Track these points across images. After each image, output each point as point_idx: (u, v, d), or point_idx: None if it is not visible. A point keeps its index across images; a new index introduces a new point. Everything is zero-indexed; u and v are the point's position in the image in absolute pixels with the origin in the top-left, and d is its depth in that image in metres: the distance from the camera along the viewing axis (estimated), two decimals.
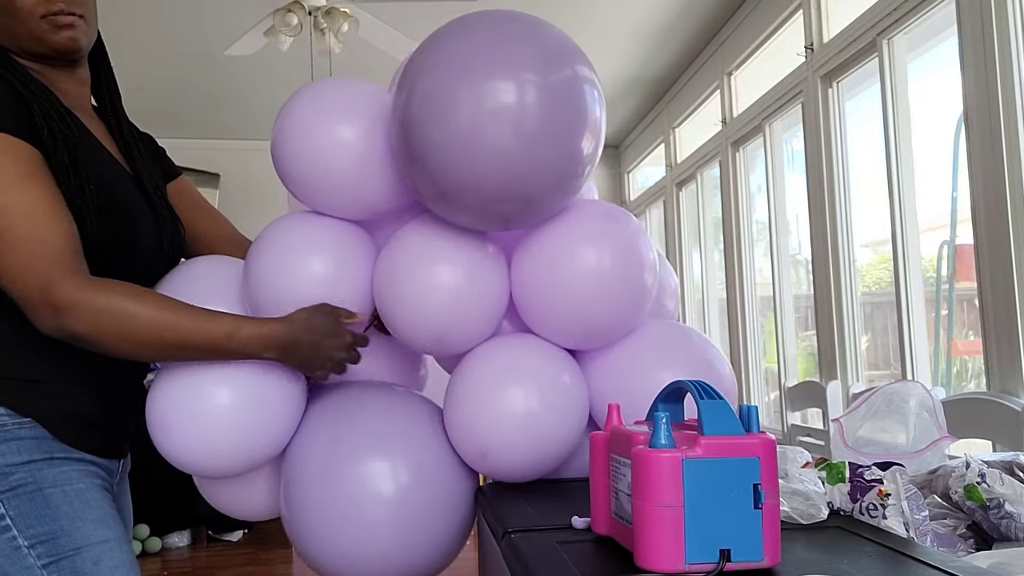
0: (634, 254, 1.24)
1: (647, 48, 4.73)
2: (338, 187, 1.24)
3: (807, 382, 3.76)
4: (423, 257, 1.21)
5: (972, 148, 2.53)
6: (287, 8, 3.45)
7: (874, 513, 1.09)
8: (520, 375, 1.24)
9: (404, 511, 1.21)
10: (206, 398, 1.16)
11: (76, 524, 1.07)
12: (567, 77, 1.12)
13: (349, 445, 1.23)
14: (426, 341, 1.25)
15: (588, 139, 1.13)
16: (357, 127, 1.23)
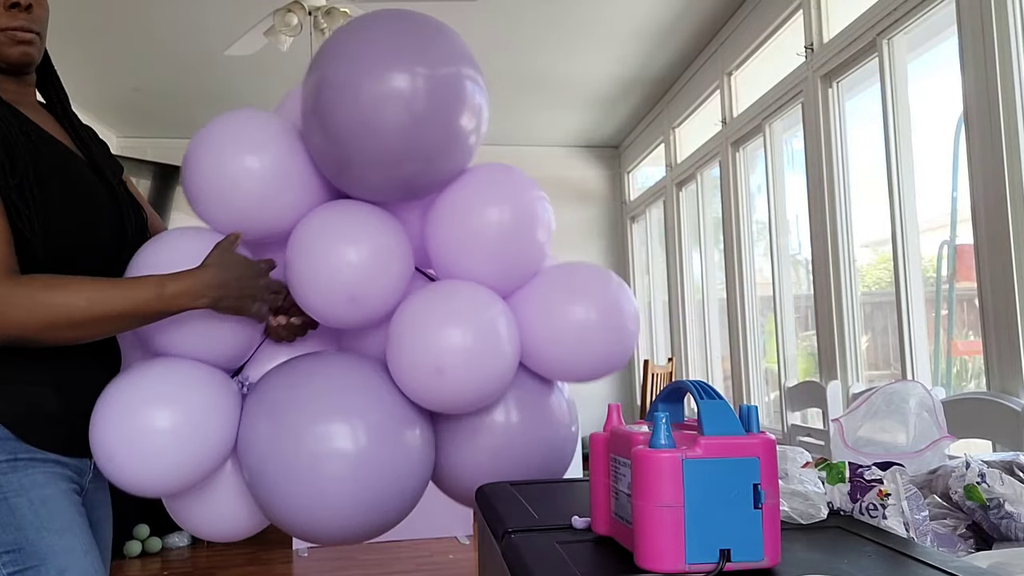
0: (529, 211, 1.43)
1: (647, 48, 4.73)
2: (244, 216, 1.30)
3: (807, 382, 3.76)
4: (331, 233, 1.29)
5: (972, 148, 2.53)
6: (287, 8, 3.45)
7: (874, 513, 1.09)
8: (459, 303, 1.32)
9: (363, 467, 1.22)
10: (143, 419, 1.17)
11: (41, 534, 1.07)
12: (451, 71, 1.26)
13: (304, 408, 1.24)
14: (341, 301, 1.27)
15: (468, 118, 1.29)
16: (263, 157, 1.30)
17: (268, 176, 1.29)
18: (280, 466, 1.21)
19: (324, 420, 1.23)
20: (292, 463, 1.20)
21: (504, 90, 5.30)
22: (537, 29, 4.36)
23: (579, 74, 5.11)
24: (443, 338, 1.27)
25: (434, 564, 3.82)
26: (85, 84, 4.98)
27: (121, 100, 5.28)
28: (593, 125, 6.21)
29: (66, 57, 4.78)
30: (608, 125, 6.22)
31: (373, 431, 1.24)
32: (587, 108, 5.79)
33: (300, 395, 1.25)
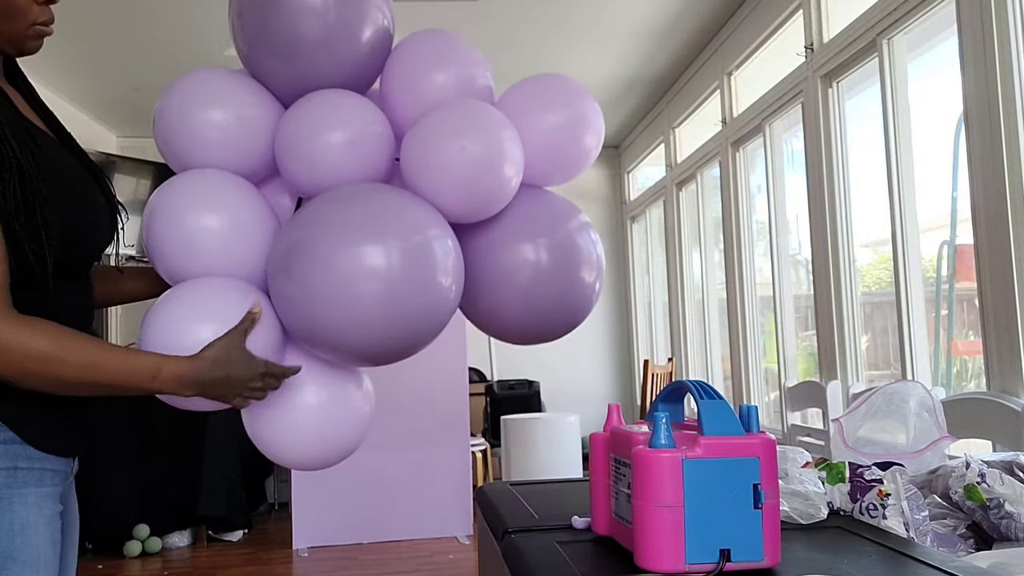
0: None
1: (647, 48, 4.73)
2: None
3: (807, 382, 3.76)
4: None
5: (972, 148, 2.53)
6: None
7: (874, 513, 1.09)
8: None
9: (394, 283, 1.22)
10: (192, 221, 1.30)
11: (6, 564, 1.07)
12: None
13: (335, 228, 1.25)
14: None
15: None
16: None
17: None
18: (315, 284, 1.22)
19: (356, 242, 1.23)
20: (326, 282, 1.21)
21: (504, 90, 5.30)
22: (537, 29, 4.36)
23: (579, 74, 5.11)
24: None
25: (434, 564, 3.82)
26: (85, 84, 4.98)
27: (121, 100, 5.28)
28: None
29: (66, 57, 4.81)
30: (608, 125, 6.20)
31: (403, 248, 1.24)
32: None
33: (331, 216, 1.26)
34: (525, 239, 1.37)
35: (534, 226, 1.39)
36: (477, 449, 4.86)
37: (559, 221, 1.42)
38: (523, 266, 1.35)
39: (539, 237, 1.38)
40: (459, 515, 4.31)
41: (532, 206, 1.42)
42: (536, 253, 1.36)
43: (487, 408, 5.60)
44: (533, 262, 1.35)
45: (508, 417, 4.38)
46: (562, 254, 1.38)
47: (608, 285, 6.74)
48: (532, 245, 1.36)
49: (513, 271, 1.36)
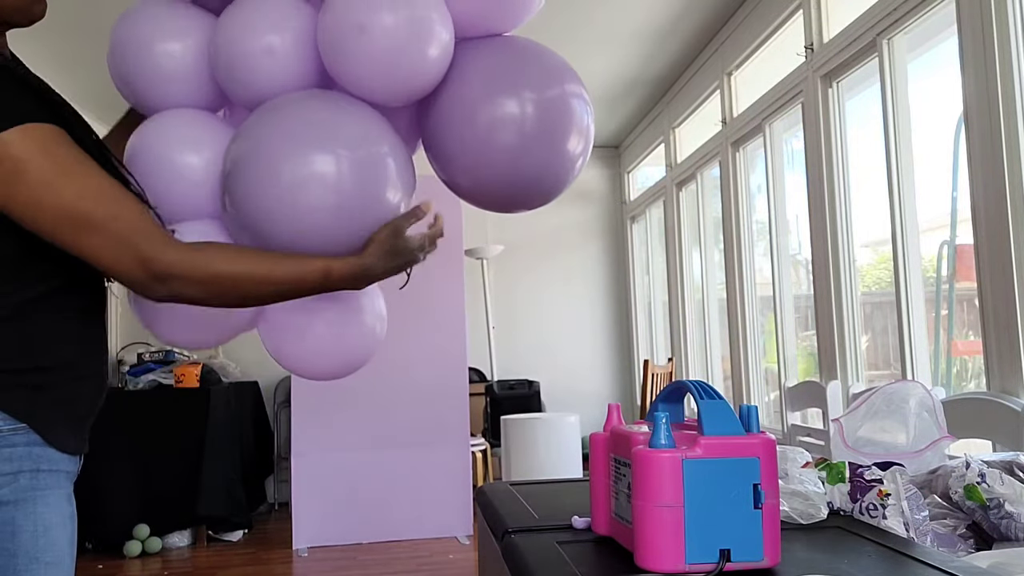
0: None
1: (647, 48, 4.73)
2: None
3: (807, 382, 3.76)
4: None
5: (972, 148, 2.53)
6: None
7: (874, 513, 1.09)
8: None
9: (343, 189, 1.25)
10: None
11: (31, 566, 1.07)
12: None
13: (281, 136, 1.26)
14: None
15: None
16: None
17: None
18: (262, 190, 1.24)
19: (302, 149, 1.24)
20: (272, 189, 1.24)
21: None
22: (537, 29, 4.34)
23: (579, 74, 5.11)
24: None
25: (434, 564, 3.82)
26: (85, 84, 4.98)
27: (121, 100, 5.26)
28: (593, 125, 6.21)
29: (66, 57, 4.79)
30: (608, 125, 6.22)
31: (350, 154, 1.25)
32: None
33: (276, 125, 1.26)
34: (500, 95, 1.33)
35: (504, 81, 1.35)
36: (477, 449, 4.86)
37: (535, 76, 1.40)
38: (501, 124, 1.32)
39: (523, 91, 1.34)
40: (459, 515, 4.31)
41: (501, 60, 1.38)
42: (521, 108, 1.32)
43: (487, 408, 5.60)
44: (516, 117, 1.32)
45: (508, 417, 4.38)
46: (545, 114, 1.35)
47: (608, 285, 6.73)
48: (515, 100, 1.33)
49: (490, 130, 1.32)
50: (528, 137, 1.33)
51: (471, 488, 4.35)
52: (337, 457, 4.21)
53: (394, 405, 4.16)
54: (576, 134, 1.37)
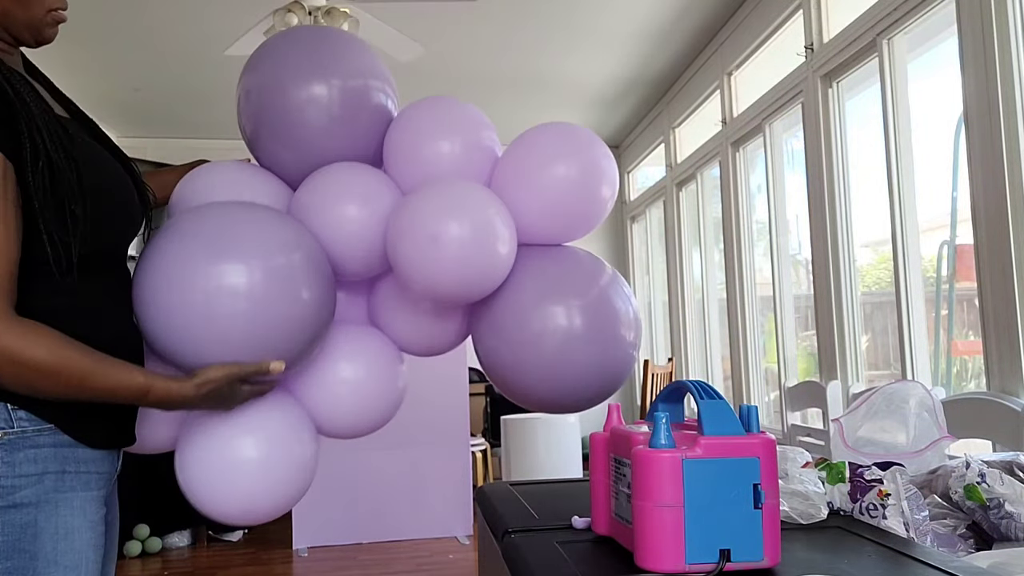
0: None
1: (647, 48, 4.73)
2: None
3: (807, 382, 3.76)
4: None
5: (972, 148, 2.53)
6: (287, 8, 3.45)
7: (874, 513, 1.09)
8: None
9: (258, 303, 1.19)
10: None
11: (49, 569, 1.07)
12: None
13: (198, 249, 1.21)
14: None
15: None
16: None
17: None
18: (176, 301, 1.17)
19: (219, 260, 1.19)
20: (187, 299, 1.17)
21: (504, 90, 5.29)
22: (537, 29, 4.36)
23: (579, 74, 5.11)
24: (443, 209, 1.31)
25: (434, 564, 3.82)
26: (85, 84, 4.98)
27: (121, 100, 5.28)
28: (593, 125, 6.21)
29: (67, 57, 4.80)
30: (608, 125, 6.22)
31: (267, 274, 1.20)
32: (587, 108, 5.79)
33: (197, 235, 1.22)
34: (550, 302, 1.35)
35: (559, 287, 1.39)
36: (477, 449, 4.86)
37: (589, 279, 1.45)
38: (553, 331, 1.32)
39: (570, 298, 1.37)
40: (459, 515, 4.31)
41: (550, 266, 1.43)
42: (568, 316, 1.33)
43: (487, 408, 5.60)
44: (564, 327, 1.32)
45: (508, 417, 4.38)
46: (596, 314, 1.36)
47: None
48: (562, 307, 1.34)
49: (542, 336, 1.32)
50: (575, 338, 1.34)
51: (471, 488, 4.34)
52: (337, 457, 4.21)
53: None
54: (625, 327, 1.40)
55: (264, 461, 1.26)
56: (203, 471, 1.27)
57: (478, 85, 5.21)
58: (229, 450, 1.26)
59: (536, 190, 1.40)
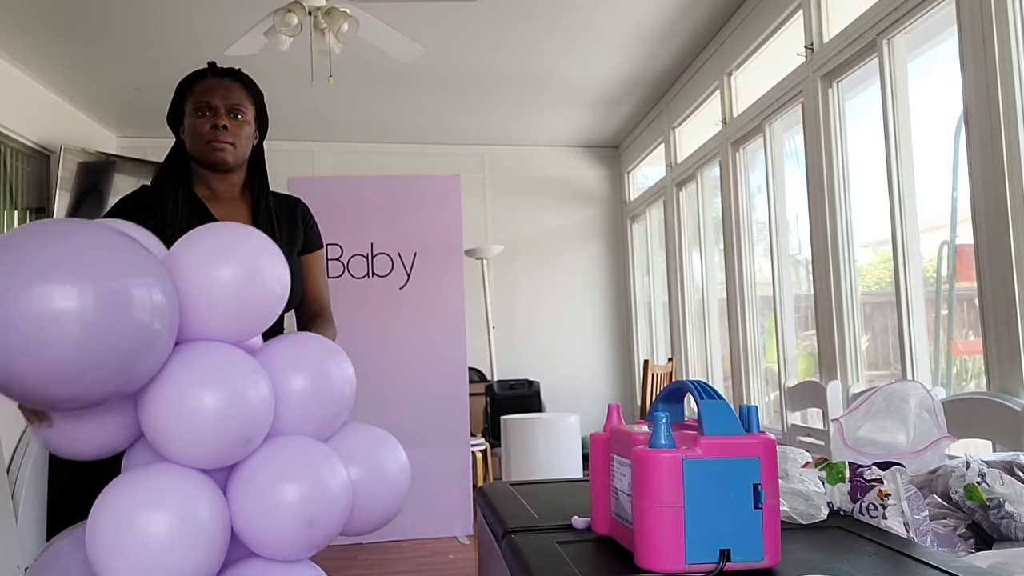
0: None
1: (647, 48, 4.73)
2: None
3: (807, 382, 3.76)
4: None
5: (972, 148, 2.53)
6: (287, 8, 3.44)
7: (874, 513, 1.09)
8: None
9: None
10: None
11: None
12: (120, 286, 1.12)
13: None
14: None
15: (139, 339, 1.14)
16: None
17: None
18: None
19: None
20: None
21: (504, 90, 5.30)
22: (537, 29, 4.36)
23: (579, 74, 5.12)
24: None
25: (434, 564, 3.82)
26: (85, 84, 4.98)
27: (121, 100, 5.28)
28: (593, 125, 6.21)
29: (66, 57, 4.80)
30: (608, 125, 6.22)
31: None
32: (587, 108, 5.79)
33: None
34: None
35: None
36: (477, 449, 4.86)
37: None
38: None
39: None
40: (459, 515, 4.31)
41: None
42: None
43: (487, 408, 5.60)
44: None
45: (508, 417, 4.38)
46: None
47: (608, 285, 6.74)
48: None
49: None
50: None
51: (471, 488, 4.34)
52: None
53: (394, 405, 4.15)
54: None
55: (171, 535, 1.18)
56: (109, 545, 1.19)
57: (478, 85, 5.21)
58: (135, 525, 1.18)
59: (204, 289, 1.26)
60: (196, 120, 1.72)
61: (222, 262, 1.27)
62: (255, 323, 1.32)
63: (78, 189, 5.00)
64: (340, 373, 1.40)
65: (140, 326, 1.12)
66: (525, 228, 6.35)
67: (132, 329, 1.11)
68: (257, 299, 1.29)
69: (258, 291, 1.28)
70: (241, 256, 1.28)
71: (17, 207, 4.71)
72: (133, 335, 1.12)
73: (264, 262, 1.30)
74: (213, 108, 1.72)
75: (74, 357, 1.07)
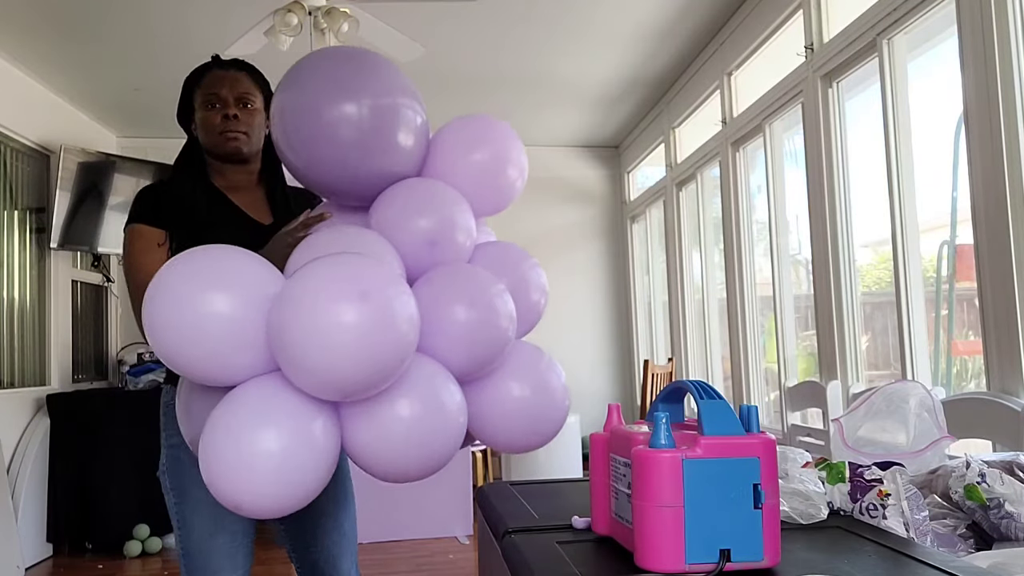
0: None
1: (647, 48, 4.73)
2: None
3: (807, 382, 3.76)
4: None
5: (972, 148, 2.53)
6: (287, 8, 3.44)
7: (874, 513, 1.09)
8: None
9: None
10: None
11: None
12: (384, 103, 1.48)
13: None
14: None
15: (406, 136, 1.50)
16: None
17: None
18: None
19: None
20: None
21: (504, 90, 5.29)
22: (537, 29, 4.36)
23: (579, 74, 5.11)
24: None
25: (434, 564, 3.82)
26: (85, 84, 4.98)
27: (121, 100, 5.28)
28: (593, 125, 6.21)
29: (66, 57, 4.80)
30: (608, 125, 6.22)
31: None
32: (587, 108, 5.79)
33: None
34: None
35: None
36: (477, 449, 4.86)
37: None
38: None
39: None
40: (459, 515, 4.31)
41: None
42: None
43: None
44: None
45: None
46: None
47: (608, 285, 6.73)
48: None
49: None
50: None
51: (471, 488, 4.34)
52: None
53: None
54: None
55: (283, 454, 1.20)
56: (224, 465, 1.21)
57: (478, 85, 5.21)
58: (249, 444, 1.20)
59: (458, 170, 1.57)
60: (207, 113, 1.76)
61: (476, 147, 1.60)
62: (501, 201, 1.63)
63: (78, 189, 4.99)
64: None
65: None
66: (525, 228, 6.35)
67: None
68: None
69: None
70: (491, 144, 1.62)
71: (17, 207, 4.71)
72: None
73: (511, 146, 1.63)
74: (222, 99, 1.75)
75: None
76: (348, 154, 1.44)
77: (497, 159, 1.61)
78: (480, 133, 1.63)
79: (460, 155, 1.57)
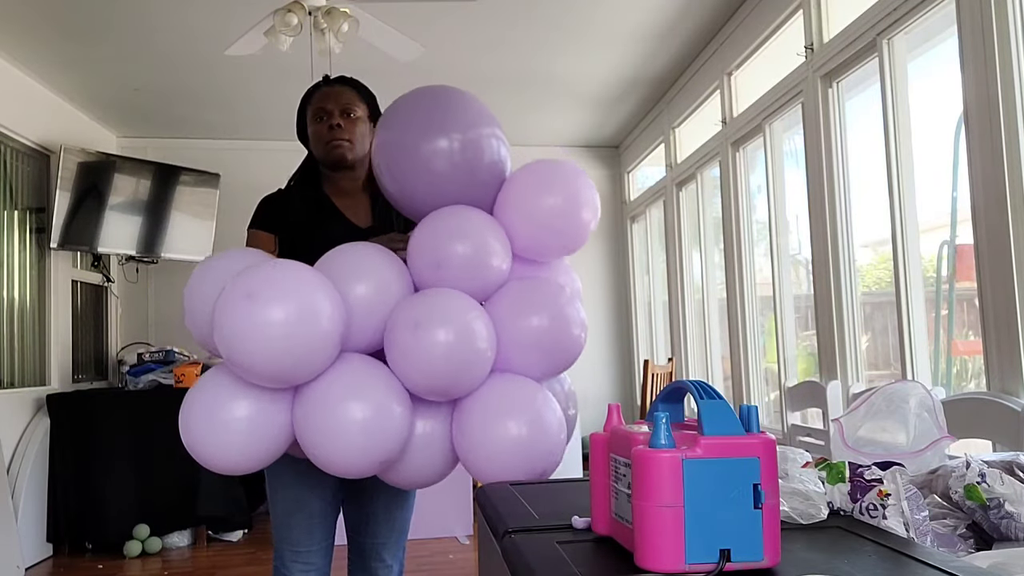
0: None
1: (647, 48, 4.73)
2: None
3: (807, 382, 3.76)
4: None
5: (972, 148, 2.53)
6: (287, 8, 3.44)
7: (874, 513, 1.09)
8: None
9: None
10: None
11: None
12: (475, 136, 1.72)
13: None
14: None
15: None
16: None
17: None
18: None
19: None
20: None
21: (504, 90, 5.29)
22: (537, 29, 4.36)
23: (579, 74, 5.11)
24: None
25: (434, 564, 3.82)
26: (85, 84, 4.98)
27: (121, 100, 5.28)
28: (593, 125, 6.21)
29: (66, 57, 4.79)
30: (608, 125, 6.22)
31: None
32: (587, 108, 5.79)
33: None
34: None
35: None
36: None
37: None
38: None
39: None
40: (459, 515, 4.31)
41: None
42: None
43: None
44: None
45: None
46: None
47: (608, 285, 6.73)
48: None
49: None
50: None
51: (471, 488, 4.34)
52: None
53: None
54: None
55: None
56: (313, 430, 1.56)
57: (478, 85, 5.20)
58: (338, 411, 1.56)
59: (530, 214, 1.74)
60: (316, 126, 1.96)
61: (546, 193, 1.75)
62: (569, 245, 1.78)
63: (78, 189, 5.00)
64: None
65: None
66: None
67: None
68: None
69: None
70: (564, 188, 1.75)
71: (17, 207, 4.71)
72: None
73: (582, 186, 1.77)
74: (328, 112, 1.95)
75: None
76: (442, 186, 1.68)
77: (570, 201, 1.75)
78: (551, 177, 1.77)
79: (531, 198, 1.74)
